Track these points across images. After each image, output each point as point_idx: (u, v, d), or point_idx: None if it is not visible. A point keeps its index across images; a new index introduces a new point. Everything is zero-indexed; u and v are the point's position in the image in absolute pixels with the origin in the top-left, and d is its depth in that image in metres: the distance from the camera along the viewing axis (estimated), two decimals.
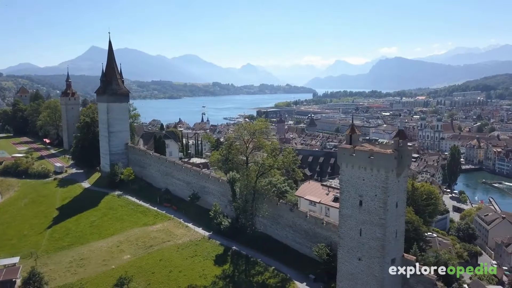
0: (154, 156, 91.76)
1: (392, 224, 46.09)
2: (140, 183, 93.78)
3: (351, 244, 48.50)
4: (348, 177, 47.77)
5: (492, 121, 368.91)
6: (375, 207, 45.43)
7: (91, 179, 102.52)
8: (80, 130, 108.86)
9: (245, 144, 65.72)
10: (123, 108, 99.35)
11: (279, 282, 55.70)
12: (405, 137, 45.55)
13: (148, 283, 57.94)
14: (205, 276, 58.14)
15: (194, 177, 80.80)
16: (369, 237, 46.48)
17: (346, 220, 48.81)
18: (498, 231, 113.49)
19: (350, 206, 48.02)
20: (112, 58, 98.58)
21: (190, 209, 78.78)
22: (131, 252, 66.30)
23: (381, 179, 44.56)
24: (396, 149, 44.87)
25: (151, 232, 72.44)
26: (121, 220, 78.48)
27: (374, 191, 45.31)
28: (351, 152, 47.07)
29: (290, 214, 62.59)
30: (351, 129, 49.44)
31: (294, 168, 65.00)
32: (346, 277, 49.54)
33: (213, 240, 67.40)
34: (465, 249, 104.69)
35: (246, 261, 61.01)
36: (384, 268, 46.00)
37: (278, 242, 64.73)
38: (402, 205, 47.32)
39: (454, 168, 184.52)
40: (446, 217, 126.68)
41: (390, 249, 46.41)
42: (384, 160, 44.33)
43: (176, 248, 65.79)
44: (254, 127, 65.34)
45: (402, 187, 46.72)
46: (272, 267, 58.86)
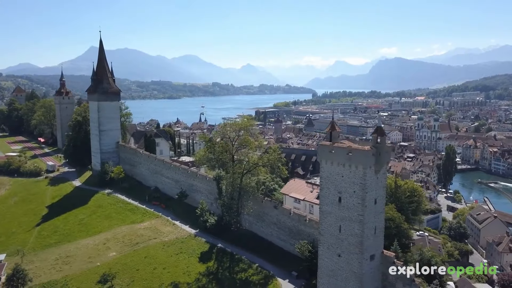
0: (144, 155, 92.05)
1: (371, 221, 46.27)
2: (130, 181, 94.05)
3: (331, 240, 48.70)
4: (328, 174, 47.97)
5: (490, 121, 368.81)
6: (354, 204, 45.64)
7: (82, 177, 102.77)
8: (72, 129, 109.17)
9: (231, 142, 65.90)
10: (114, 107, 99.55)
11: (262, 279, 55.90)
12: (383, 134, 45.67)
13: (132, 280, 58.17)
14: (188, 273, 58.38)
15: (182, 175, 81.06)
16: (348, 234, 46.68)
17: (326, 216, 49.01)
18: (489, 230, 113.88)
19: (329, 202, 48.23)
20: (103, 57, 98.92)
21: (178, 207, 79.02)
22: (117, 249, 66.53)
23: (359, 175, 44.77)
24: (374, 146, 45.02)
25: (138, 229, 72.69)
26: (109, 218, 78.71)
27: (353, 188, 45.51)
28: (330, 149, 47.26)
29: (275, 211, 62.82)
30: (331, 126, 49.71)
31: (279, 166, 65.15)
32: (327, 274, 49.72)
33: (199, 238, 67.65)
34: (456, 248, 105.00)
35: (231, 258, 61.21)
36: (363, 264, 46.19)
37: (263, 240, 64.98)
38: (381, 202, 47.47)
39: (449, 168, 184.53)
40: (439, 216, 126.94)
41: (369, 245, 46.57)
42: (362, 156, 44.52)
43: (162, 246, 66.03)
44: (239, 125, 65.55)
45: (381, 183, 46.87)
46: (256, 264, 59.09)
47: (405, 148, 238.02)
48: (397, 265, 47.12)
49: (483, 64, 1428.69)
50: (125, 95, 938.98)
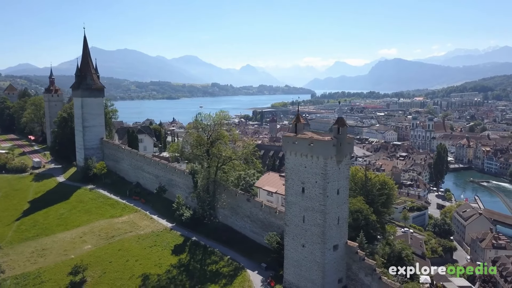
0: (126, 150, 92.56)
1: (333, 211, 46.73)
2: (113, 177, 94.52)
3: (296, 231, 49.18)
4: (292, 165, 48.50)
5: (486, 121, 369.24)
6: (316, 194, 46.13)
7: (67, 173, 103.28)
8: (58, 125, 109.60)
9: (205, 135, 66.36)
10: (98, 103, 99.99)
11: (232, 270, 56.32)
12: (343, 125, 46.11)
13: (104, 271, 58.62)
14: (160, 265, 58.82)
15: (162, 170, 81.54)
16: (311, 224, 47.17)
17: (291, 207, 49.52)
18: (474, 227, 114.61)
19: (294, 193, 48.74)
20: (87, 53, 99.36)
21: (157, 202, 79.49)
22: (93, 242, 67.01)
23: (320, 166, 45.26)
24: (335, 137, 45.51)
25: (116, 223, 73.16)
26: (89, 212, 79.16)
27: (315, 178, 46.00)
28: (294, 140, 47.81)
29: (248, 204, 63.28)
30: (296, 118, 50.15)
31: (253, 160, 65.65)
32: (292, 264, 50.22)
33: (174, 231, 68.10)
34: (439, 245, 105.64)
35: (204, 251, 61.63)
36: (326, 254, 46.63)
37: (237, 233, 65.46)
38: (344, 192, 47.96)
39: (440, 167, 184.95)
40: (425, 213, 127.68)
41: (332, 235, 47.03)
42: (323, 147, 45.00)
43: (137, 239, 66.50)
44: (213, 119, 66.04)
45: (344, 174, 47.34)
46: (228, 256, 59.53)
47: (398, 147, 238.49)
48: (360, 256, 47.59)
49: (483, 65, 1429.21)
50: (125, 95, 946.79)
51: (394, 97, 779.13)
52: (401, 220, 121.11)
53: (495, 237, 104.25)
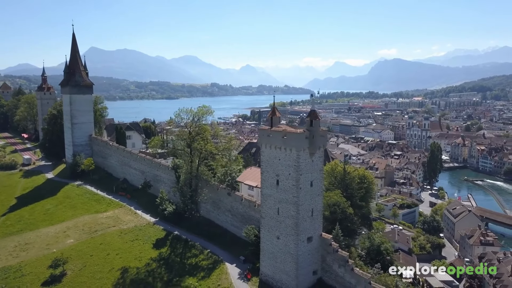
0: (113, 147, 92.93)
1: (307, 203, 47.05)
2: (101, 173, 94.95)
3: (271, 223, 49.54)
4: (267, 158, 48.87)
5: (483, 121, 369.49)
6: (289, 186, 46.49)
7: (56, 170, 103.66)
8: (48, 122, 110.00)
9: (187, 130, 66.71)
10: (87, 100, 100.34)
11: (211, 263, 56.67)
12: (316, 117, 46.44)
13: (84, 265, 58.95)
14: (140, 259, 59.17)
15: (147, 166, 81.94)
16: (285, 216, 47.52)
17: (266, 199, 49.89)
18: (463, 224, 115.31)
19: (269, 185, 49.12)
20: (75, 50, 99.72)
21: (143, 197, 79.89)
22: (76, 237, 67.36)
23: (293, 158, 45.63)
24: (308, 129, 45.86)
25: (100, 218, 73.53)
26: (74, 208, 79.51)
27: (288, 170, 46.37)
28: (268, 133, 48.19)
29: (229, 198, 63.67)
30: (272, 112, 50.51)
31: (236, 155, 66.08)
32: (268, 256, 50.56)
33: (157, 226, 68.46)
34: (428, 241, 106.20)
35: (184, 245, 61.97)
36: (299, 246, 46.95)
37: (218, 227, 65.82)
38: (318, 185, 48.26)
39: (434, 165, 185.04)
40: (415, 211, 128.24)
41: (306, 227, 47.35)
42: (295, 139, 45.37)
43: (119, 233, 66.87)
44: (195, 113, 66.37)
45: (317, 166, 47.65)
46: (208, 250, 59.89)
47: (393, 146, 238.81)
48: (334, 248, 47.93)
49: (482, 65, 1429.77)
50: (124, 95, 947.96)
51: (393, 97, 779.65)
52: (390, 217, 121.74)
53: (483, 234, 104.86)
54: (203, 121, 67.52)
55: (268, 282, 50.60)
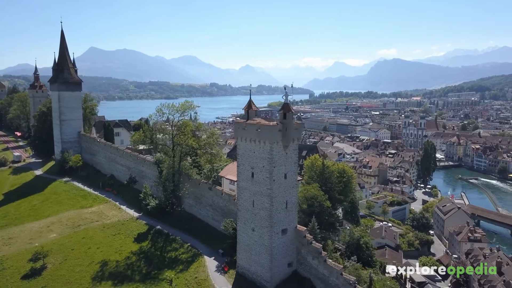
0: (101, 143, 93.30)
1: (281, 195, 47.37)
2: (89, 169, 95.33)
3: (247, 215, 49.91)
4: (243, 151, 49.23)
5: (480, 120, 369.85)
6: (263, 178, 46.83)
7: (45, 167, 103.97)
8: (37, 120, 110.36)
9: (170, 125, 67.11)
10: (75, 97, 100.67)
11: (190, 257, 57.03)
12: (289, 110, 46.76)
13: (65, 258, 59.31)
14: (120, 252, 59.52)
15: (133, 162, 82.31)
16: (260, 208, 47.86)
17: (242, 192, 50.25)
18: (453, 221, 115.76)
19: (244, 178, 49.48)
20: (64, 46, 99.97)
21: (128, 193, 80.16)
22: (59, 231, 67.70)
23: (266, 150, 45.98)
24: (281, 122, 46.21)
25: (84, 213, 73.87)
26: (60, 203, 79.82)
27: (262, 163, 46.71)
28: (244, 126, 48.57)
29: (210, 193, 64.03)
30: (248, 105, 50.86)
31: (217, 149, 66.44)
32: (244, 249, 50.93)
33: (140, 220, 68.79)
34: (416, 238, 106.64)
35: (165, 239, 62.28)
36: (273, 237, 47.29)
37: (200, 221, 66.16)
38: (292, 177, 48.55)
39: (428, 164, 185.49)
40: (405, 208, 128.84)
41: (280, 219, 47.67)
42: (268, 132, 45.71)
43: (102, 228, 67.22)
44: (177, 108, 66.78)
45: (291, 159, 47.95)
46: (188, 244, 60.20)
47: (388, 145, 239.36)
48: (308, 240, 48.26)
49: (482, 65, 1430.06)
50: (123, 95, 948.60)
51: (392, 97, 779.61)
52: (380, 214, 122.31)
53: (471, 231, 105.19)
54: (186, 116, 67.85)
55: (244, 275, 50.97)
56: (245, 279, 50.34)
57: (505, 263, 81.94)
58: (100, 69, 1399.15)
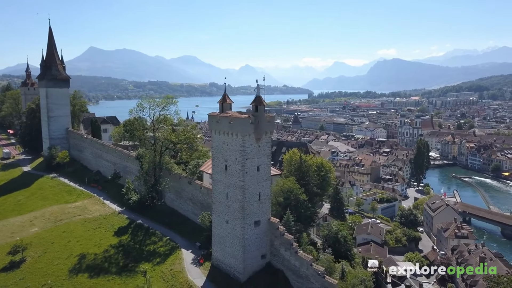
0: (88, 139, 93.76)
1: (253, 187, 47.73)
2: (76, 165, 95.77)
3: (221, 208, 50.31)
4: (217, 144, 49.63)
5: (477, 119, 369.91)
6: (236, 170, 47.23)
7: (34, 163, 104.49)
8: (26, 116, 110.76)
9: (150, 119, 67.48)
10: (63, 94, 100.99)
11: (168, 250, 57.49)
12: (261, 103, 47.16)
13: (44, 251, 59.81)
14: (100, 245, 59.96)
15: (118, 157, 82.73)
16: (233, 200, 48.24)
17: (216, 184, 50.67)
18: (441, 217, 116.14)
19: (219, 171, 49.89)
20: (52, 43, 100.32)
21: (113, 188, 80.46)
22: (41, 225, 68.19)
23: (239, 143, 46.37)
24: (253, 115, 46.62)
25: (68, 208, 74.34)
26: (45, 198, 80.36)
27: (235, 155, 47.11)
28: (217, 119, 48.97)
29: (190, 187, 64.44)
30: (223, 98, 51.25)
31: (197, 143, 66.85)
32: (218, 241, 51.31)
33: (122, 215, 69.23)
34: (404, 234, 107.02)
35: (145, 233, 62.74)
36: (246, 229, 47.66)
37: (180, 215, 66.58)
38: (265, 170, 48.90)
39: (421, 162, 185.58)
40: (395, 205, 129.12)
41: (252, 211, 48.03)
42: (241, 124, 46.13)
43: (83, 222, 67.70)
44: (157, 103, 67.17)
45: (264, 152, 48.32)
46: (167, 237, 60.64)
47: (383, 143, 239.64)
48: (281, 231, 48.62)
49: (481, 65, 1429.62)
50: (122, 95, 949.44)
51: (390, 96, 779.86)
52: (369, 211, 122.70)
53: (458, 227, 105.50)
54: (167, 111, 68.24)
55: (218, 267, 51.35)
56: (219, 271, 50.72)
57: (488, 259, 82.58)
58: (99, 69, 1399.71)
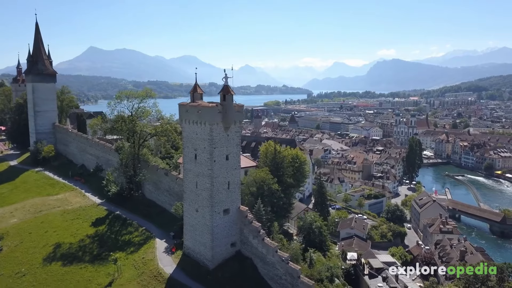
0: (73, 133, 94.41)
1: (222, 176, 48.32)
2: (62, 160, 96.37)
3: (191, 196, 50.90)
4: (187, 133, 50.23)
5: (473, 119, 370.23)
6: (205, 159, 47.83)
7: (21, 158, 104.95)
8: (14, 112, 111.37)
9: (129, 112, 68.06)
10: (50, 89, 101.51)
11: (142, 239, 58.12)
12: (228, 92, 47.72)
13: (21, 241, 60.49)
14: (76, 235, 60.60)
15: (100, 151, 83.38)
16: (202, 188, 48.86)
17: (187, 174, 51.23)
18: (427, 213, 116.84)
19: (189, 160, 50.46)
20: (39, 38, 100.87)
21: (96, 181, 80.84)
22: (20, 216, 68.78)
23: (207, 131, 47.00)
24: (221, 104, 47.19)
25: (49, 200, 74.91)
26: (27, 191, 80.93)
27: (204, 144, 47.73)
28: (187, 109, 49.60)
29: (166, 178, 65.09)
30: (194, 88, 51.87)
31: (175, 137, 67.41)
32: (189, 229, 51.92)
33: (101, 207, 69.79)
34: (390, 230, 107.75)
35: (122, 223, 63.34)
36: (214, 217, 48.25)
37: (158, 207, 67.30)
38: (234, 159, 49.54)
39: (413, 160, 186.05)
40: (382, 201, 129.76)
41: (221, 199, 48.61)
42: (208, 113, 46.75)
43: (62, 213, 68.29)
44: (135, 95, 67.77)
45: (233, 141, 48.95)
46: (143, 227, 61.26)
47: (377, 141, 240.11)
48: (249, 219, 49.22)
49: (481, 66, 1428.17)
50: None
51: (389, 97, 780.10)
52: (357, 207, 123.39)
53: (443, 223, 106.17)
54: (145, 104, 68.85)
55: (190, 255, 51.94)
56: (190, 259, 51.34)
57: (469, 252, 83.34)
58: (99, 68, 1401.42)
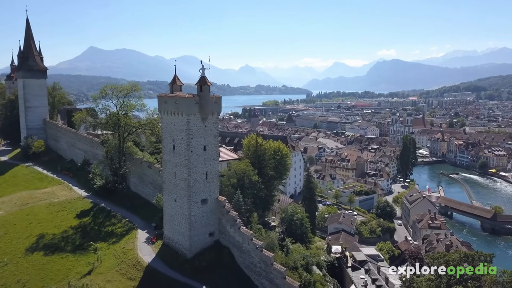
0: (62, 129, 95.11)
1: (200, 166, 49.00)
2: (52, 155, 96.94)
3: (170, 187, 51.59)
4: (166, 124, 50.93)
5: (470, 118, 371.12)
6: (182, 150, 48.53)
7: (12, 154, 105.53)
8: (6, 108, 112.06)
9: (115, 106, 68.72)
10: (40, 85, 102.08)
11: (125, 230, 58.82)
12: (205, 83, 48.38)
13: (5, 232, 61.16)
14: (59, 227, 61.26)
15: (88, 145, 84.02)
16: (180, 178, 49.53)
17: (166, 164, 51.92)
18: (417, 209, 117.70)
19: (167, 151, 51.18)
20: (29, 35, 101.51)
21: (83, 175, 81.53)
22: (6, 209, 69.39)
23: (184, 122, 47.68)
24: (198, 95, 47.88)
25: (36, 194, 75.46)
26: (16, 185, 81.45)
27: (181, 135, 48.42)
28: (165, 100, 50.31)
29: (150, 171, 65.76)
30: (173, 80, 52.56)
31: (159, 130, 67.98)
32: (168, 219, 52.61)
33: (87, 199, 70.41)
34: (379, 225, 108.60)
35: (106, 215, 64.00)
36: (192, 207, 48.92)
37: (143, 199, 67.88)
38: (212, 149, 50.22)
39: (407, 158, 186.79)
40: (373, 198, 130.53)
41: (199, 189, 49.29)
42: (185, 104, 47.45)
43: (48, 205, 68.90)
44: (120, 88, 68.46)
45: (211, 132, 49.62)
46: (127, 219, 61.93)
47: (372, 140, 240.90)
48: (226, 209, 49.88)
49: (480, 66, 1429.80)
50: None
51: (389, 97, 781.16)
52: (347, 203, 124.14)
53: (431, 218, 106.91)
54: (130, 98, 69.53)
55: (169, 245, 52.61)
56: (169, 248, 52.00)
57: (455, 246, 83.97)
58: (99, 68, 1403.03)
